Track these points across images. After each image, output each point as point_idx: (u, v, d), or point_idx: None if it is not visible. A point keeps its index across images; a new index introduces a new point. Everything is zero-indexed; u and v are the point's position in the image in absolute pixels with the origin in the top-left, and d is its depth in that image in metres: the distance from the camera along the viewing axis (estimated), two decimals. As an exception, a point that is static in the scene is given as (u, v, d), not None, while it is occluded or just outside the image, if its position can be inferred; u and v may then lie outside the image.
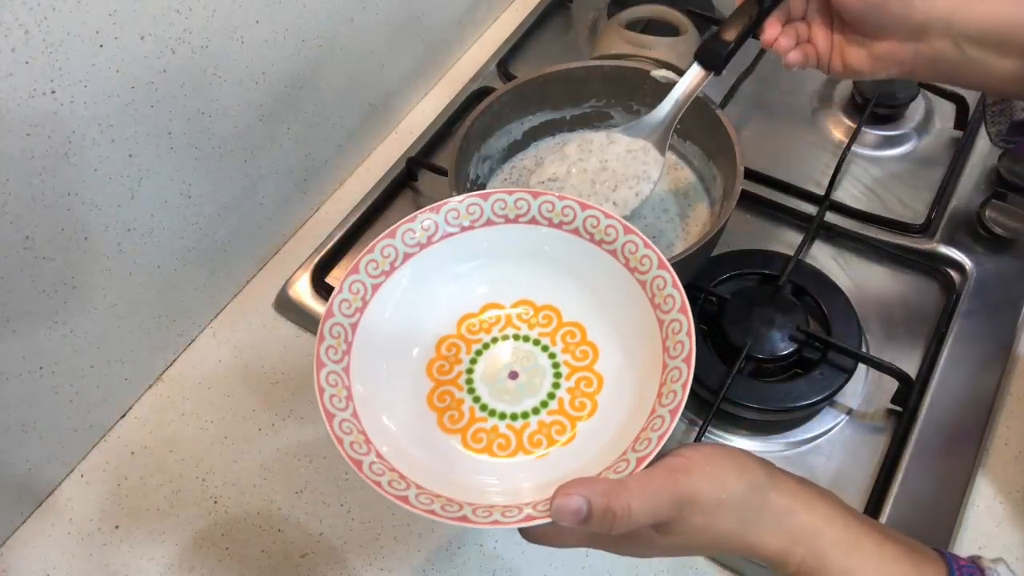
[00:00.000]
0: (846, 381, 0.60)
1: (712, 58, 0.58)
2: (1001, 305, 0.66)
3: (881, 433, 0.61)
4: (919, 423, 0.60)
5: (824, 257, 0.70)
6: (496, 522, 0.39)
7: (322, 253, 0.72)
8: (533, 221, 0.51)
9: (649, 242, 0.48)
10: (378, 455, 0.43)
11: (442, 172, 0.72)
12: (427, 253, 0.50)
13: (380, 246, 0.49)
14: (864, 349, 0.63)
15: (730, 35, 0.57)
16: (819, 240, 0.71)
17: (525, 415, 0.48)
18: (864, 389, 0.63)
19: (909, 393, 0.60)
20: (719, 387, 0.59)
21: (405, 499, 0.40)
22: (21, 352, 0.55)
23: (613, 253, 0.49)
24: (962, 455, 0.59)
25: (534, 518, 0.39)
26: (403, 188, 0.77)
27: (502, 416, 0.48)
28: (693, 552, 0.42)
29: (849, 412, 0.62)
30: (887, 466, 0.58)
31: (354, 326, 0.47)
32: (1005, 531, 0.57)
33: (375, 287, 0.49)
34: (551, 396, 0.49)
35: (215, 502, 0.61)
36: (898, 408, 0.61)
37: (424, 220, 0.50)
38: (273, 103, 0.66)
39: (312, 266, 0.71)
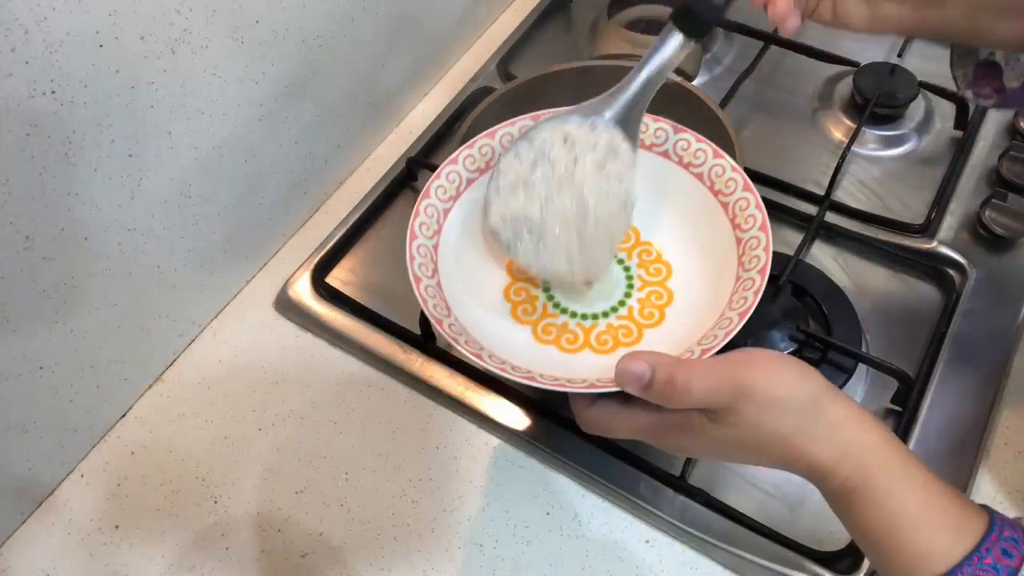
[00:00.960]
0: (846, 381, 0.60)
1: (695, 24, 0.49)
2: (1001, 305, 0.66)
3: (881, 433, 0.61)
4: (919, 423, 0.60)
5: (824, 257, 0.70)
6: (562, 385, 0.42)
7: (322, 253, 0.72)
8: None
9: (736, 165, 0.51)
10: (457, 319, 0.47)
11: (442, 172, 0.72)
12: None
13: (479, 143, 0.53)
14: (864, 349, 0.63)
15: None
16: (819, 240, 0.71)
17: (595, 316, 0.51)
18: (864, 389, 0.63)
19: (909, 393, 0.60)
20: (719, 387, 0.59)
21: (479, 355, 0.44)
22: (21, 352, 0.55)
23: (699, 176, 0.52)
24: (962, 455, 0.59)
25: (598, 386, 0.41)
26: (403, 188, 0.77)
27: (573, 315, 0.51)
28: (741, 453, 0.41)
29: (849, 412, 0.62)
30: (887, 466, 0.58)
31: (447, 211, 0.52)
32: (1005, 531, 0.57)
33: (469, 180, 0.53)
34: (622, 303, 0.52)
35: (215, 502, 0.61)
36: (898, 408, 0.61)
37: (523, 126, 0.53)
38: (273, 103, 0.66)
39: (312, 266, 0.71)
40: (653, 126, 0.53)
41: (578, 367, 0.48)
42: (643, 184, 0.52)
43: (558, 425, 0.61)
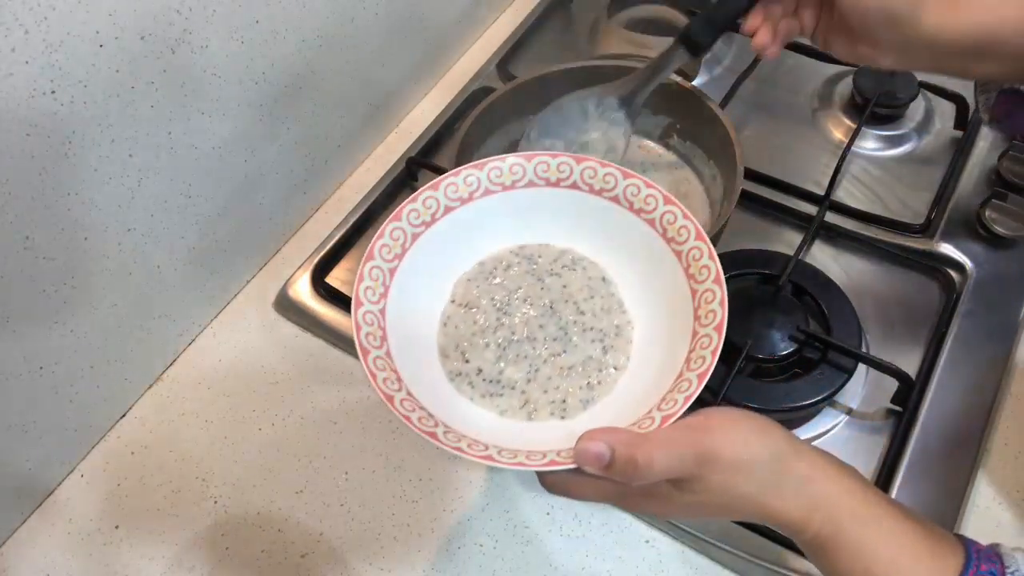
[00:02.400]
0: (846, 381, 0.60)
1: (695, 41, 0.58)
2: (1001, 305, 0.66)
3: (881, 433, 0.61)
4: (919, 423, 0.60)
5: (824, 257, 0.70)
6: (520, 464, 0.40)
7: (322, 253, 0.72)
8: (574, 186, 0.52)
9: (688, 213, 0.48)
10: (409, 393, 0.44)
11: (442, 172, 0.72)
12: (467, 209, 0.51)
13: (423, 196, 0.50)
14: (864, 349, 0.63)
15: (717, 19, 0.57)
16: (819, 240, 0.71)
17: None
18: (864, 389, 0.63)
19: (909, 393, 0.60)
20: (719, 387, 0.59)
21: (433, 435, 0.41)
22: (21, 352, 0.55)
23: (651, 223, 0.50)
24: (962, 455, 0.59)
25: (557, 463, 0.40)
26: (403, 188, 0.77)
27: None
28: (710, 514, 0.42)
29: (849, 412, 0.62)
30: (887, 466, 0.58)
31: (392, 271, 0.49)
32: (1005, 531, 0.57)
33: (415, 235, 0.50)
34: None
35: (215, 502, 0.61)
36: (898, 408, 0.61)
37: (468, 176, 0.51)
38: (273, 103, 0.66)
39: (312, 266, 0.71)
40: (601, 171, 0.51)
41: (539, 434, 0.46)
42: (597, 228, 0.51)
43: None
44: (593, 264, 0.53)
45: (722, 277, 0.45)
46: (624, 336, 0.50)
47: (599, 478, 0.39)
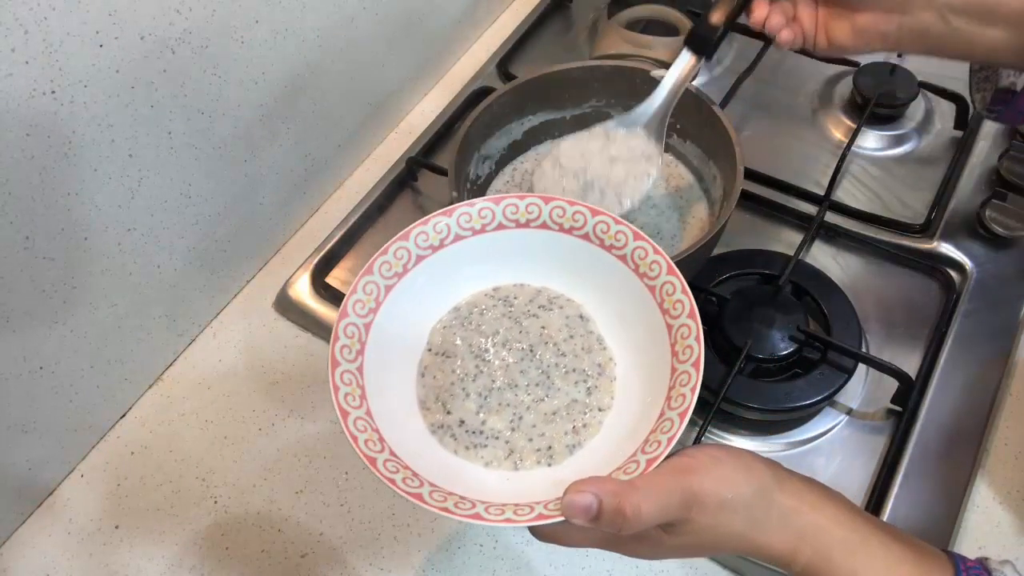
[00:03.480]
0: (846, 381, 0.60)
1: (702, 44, 0.58)
2: (1001, 305, 0.66)
3: (881, 433, 0.61)
4: (919, 423, 0.60)
5: (824, 257, 0.70)
6: (509, 520, 0.40)
7: (322, 253, 0.72)
8: (544, 226, 0.51)
9: (658, 248, 0.48)
10: (392, 453, 0.43)
11: (442, 172, 0.72)
12: (439, 256, 0.51)
13: (393, 248, 0.49)
14: (864, 349, 0.63)
15: (718, 18, 0.57)
16: (819, 240, 0.71)
17: None
18: (864, 389, 0.63)
19: (909, 393, 0.60)
20: (719, 387, 0.59)
21: (419, 496, 0.41)
22: (21, 352, 0.55)
23: (623, 259, 0.49)
24: (962, 455, 0.59)
25: (546, 516, 0.39)
26: (403, 188, 0.77)
27: None
28: (701, 553, 0.42)
29: (849, 412, 0.62)
30: (887, 466, 0.58)
31: (367, 326, 0.48)
32: (1005, 531, 0.57)
33: (388, 288, 0.49)
34: None
35: (215, 502, 0.61)
36: (898, 408, 0.61)
37: (437, 223, 0.50)
38: (273, 103, 0.66)
39: (312, 266, 0.71)
40: (570, 209, 0.50)
41: (526, 483, 0.45)
42: (569, 267, 0.51)
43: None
44: (570, 302, 0.52)
45: (696, 311, 0.45)
46: (607, 375, 0.49)
47: (589, 527, 0.39)
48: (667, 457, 0.40)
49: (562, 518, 0.39)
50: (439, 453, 0.47)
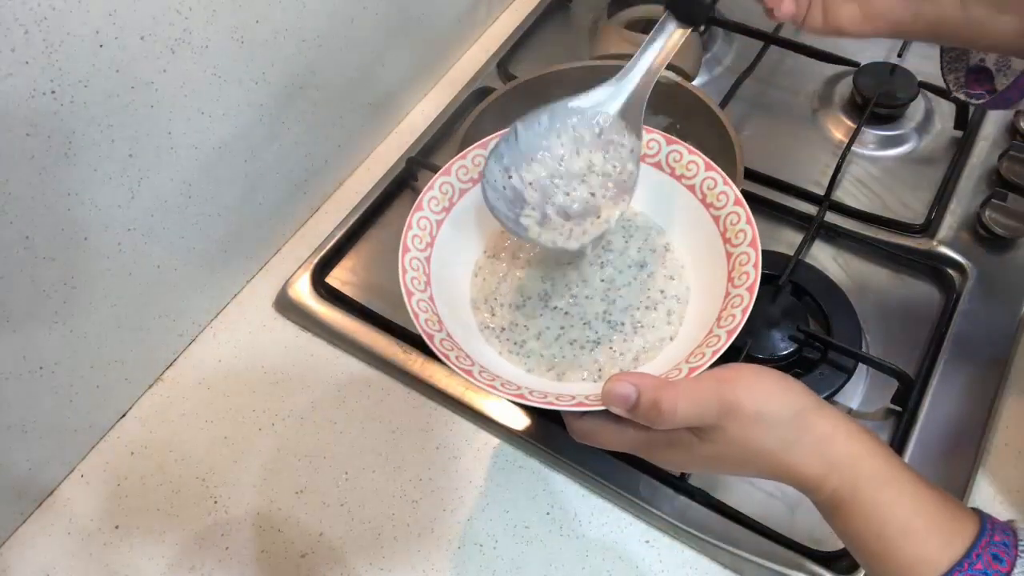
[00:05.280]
0: (846, 381, 0.60)
1: (689, 7, 0.48)
2: (1001, 305, 0.66)
3: (881, 433, 0.60)
4: (919, 423, 0.60)
5: (824, 257, 0.70)
6: (551, 403, 0.42)
7: (322, 253, 0.72)
8: None
9: (728, 179, 0.50)
10: (449, 334, 0.46)
11: (442, 172, 0.72)
12: None
13: (472, 154, 0.52)
14: (864, 349, 0.63)
15: None
16: (819, 240, 0.71)
17: None
18: (864, 389, 0.63)
19: (909, 393, 0.60)
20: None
21: (470, 372, 0.43)
22: (21, 352, 0.55)
23: (691, 188, 0.51)
24: (962, 455, 0.59)
25: (585, 405, 0.41)
26: (403, 188, 0.77)
27: None
28: (728, 467, 0.42)
29: (849, 412, 0.62)
30: (887, 466, 0.58)
31: (439, 223, 0.51)
32: (1005, 531, 0.57)
33: (462, 191, 0.52)
34: None
35: (215, 502, 0.61)
36: (898, 408, 0.61)
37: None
38: (273, 103, 0.66)
39: (312, 266, 0.71)
40: (645, 137, 0.52)
41: (572, 387, 0.47)
42: (639, 193, 0.51)
43: (558, 425, 0.61)
44: (639, 215, 0.53)
45: (757, 240, 0.47)
46: (682, 300, 0.50)
47: (624, 425, 0.40)
48: (710, 368, 0.41)
49: (601, 407, 0.40)
50: (488, 350, 0.49)
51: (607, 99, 0.50)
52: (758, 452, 0.40)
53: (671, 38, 0.50)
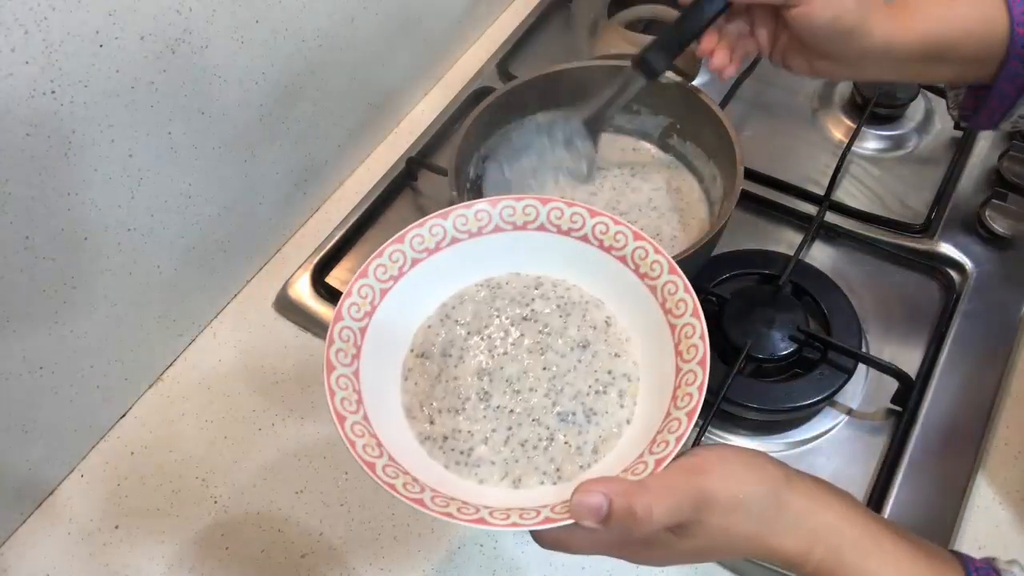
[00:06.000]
0: (846, 381, 0.60)
1: (651, 71, 0.60)
2: (1001, 305, 0.66)
3: (881, 433, 0.61)
4: (919, 423, 0.60)
5: (824, 257, 0.70)
6: (515, 524, 0.39)
7: (322, 253, 0.72)
8: (542, 228, 0.50)
9: (659, 247, 0.47)
10: (391, 458, 0.42)
11: (442, 172, 0.72)
12: (435, 258, 0.50)
13: (389, 251, 0.49)
14: (864, 349, 0.63)
15: (670, 46, 0.59)
16: (819, 240, 0.71)
17: None
18: (864, 389, 0.63)
19: (909, 393, 0.60)
20: (719, 387, 0.59)
21: (421, 502, 0.40)
22: (21, 352, 0.55)
23: (623, 260, 0.49)
24: (962, 455, 0.59)
25: (553, 520, 0.38)
26: (403, 188, 0.77)
27: None
28: (712, 557, 0.41)
29: (849, 412, 0.62)
30: (887, 466, 0.58)
31: (363, 330, 0.47)
32: (1005, 531, 0.57)
33: (383, 291, 0.48)
34: None
35: (215, 502, 0.61)
36: (898, 408, 0.61)
37: (433, 226, 0.50)
38: (273, 103, 0.66)
39: (312, 266, 0.71)
40: (568, 211, 0.50)
41: (532, 495, 0.44)
42: (568, 269, 0.50)
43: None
44: (572, 289, 0.51)
45: (699, 310, 0.44)
46: (633, 378, 0.47)
47: (597, 531, 0.38)
48: (675, 458, 0.40)
49: (571, 520, 0.38)
50: (433, 464, 0.45)
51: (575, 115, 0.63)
52: (739, 538, 0.40)
53: (634, 86, 0.61)
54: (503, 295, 0.50)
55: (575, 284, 0.51)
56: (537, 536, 0.41)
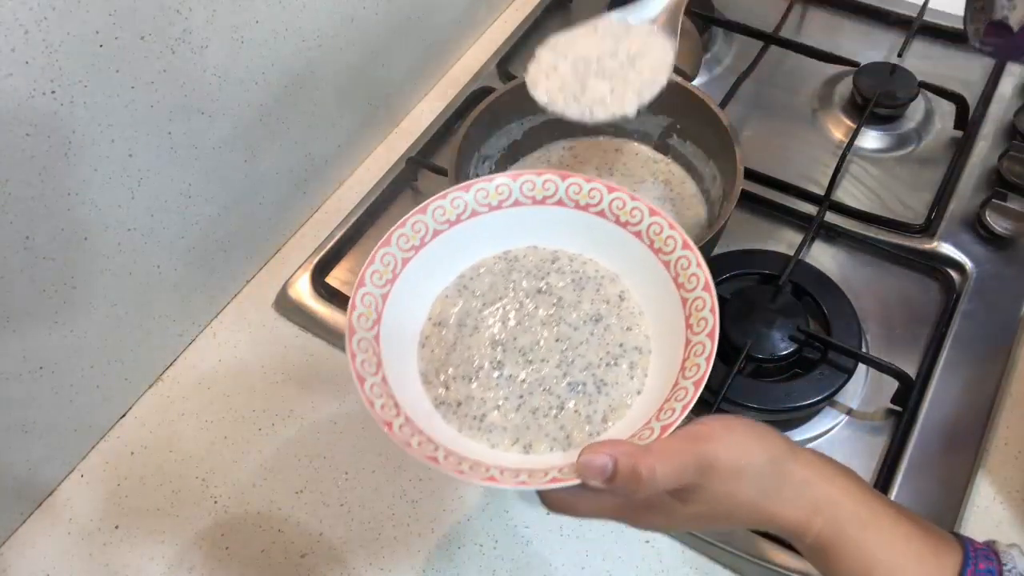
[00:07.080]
0: (846, 381, 0.60)
1: None
2: (1001, 305, 0.66)
3: (881, 433, 0.61)
4: (919, 423, 0.60)
5: (824, 257, 0.70)
6: (523, 483, 0.40)
7: (322, 253, 0.72)
8: (560, 203, 0.51)
9: (674, 223, 0.48)
10: (407, 418, 0.44)
11: (442, 172, 0.72)
12: (456, 230, 0.51)
13: (411, 221, 0.50)
14: (864, 349, 0.63)
15: None
16: (819, 240, 0.71)
17: None
18: (864, 389, 0.63)
19: (909, 393, 0.60)
20: (719, 387, 0.59)
21: (434, 459, 0.41)
22: (21, 352, 0.55)
23: (638, 235, 0.50)
24: (962, 455, 0.59)
25: (559, 480, 0.39)
26: (403, 188, 0.77)
27: None
28: (713, 524, 0.42)
29: (849, 412, 0.62)
30: (887, 466, 0.58)
31: (384, 296, 0.48)
32: (1005, 531, 0.57)
33: (405, 260, 0.49)
34: None
35: (215, 502, 0.61)
36: (898, 408, 0.61)
37: (455, 198, 0.51)
38: (273, 103, 0.66)
39: (312, 266, 0.71)
40: (587, 186, 0.51)
41: (542, 460, 0.45)
42: (584, 243, 0.51)
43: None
44: (587, 263, 0.52)
45: (711, 284, 0.45)
46: (645, 351, 0.48)
47: (601, 494, 0.39)
48: (681, 425, 0.41)
49: (577, 480, 0.39)
50: (447, 427, 0.47)
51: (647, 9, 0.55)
52: (740, 505, 0.40)
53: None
54: (520, 268, 0.51)
55: (591, 258, 0.52)
56: (544, 498, 0.42)
